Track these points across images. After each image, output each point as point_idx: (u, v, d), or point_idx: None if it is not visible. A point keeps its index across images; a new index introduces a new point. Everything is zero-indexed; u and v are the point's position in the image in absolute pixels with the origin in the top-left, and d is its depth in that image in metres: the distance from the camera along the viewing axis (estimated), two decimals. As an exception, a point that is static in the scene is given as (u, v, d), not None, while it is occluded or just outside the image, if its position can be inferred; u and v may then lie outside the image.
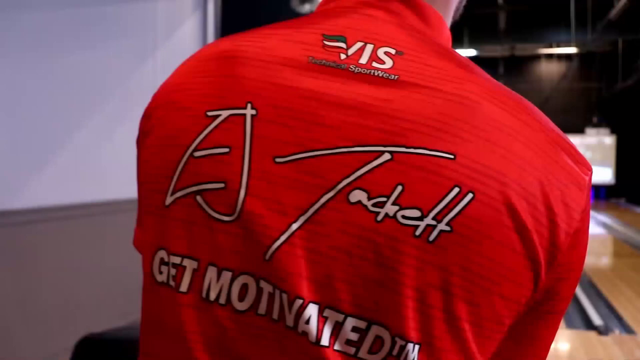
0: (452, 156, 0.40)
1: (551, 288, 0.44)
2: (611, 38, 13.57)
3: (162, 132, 0.47)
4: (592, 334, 3.95)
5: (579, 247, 0.44)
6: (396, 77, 0.43)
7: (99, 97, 3.03)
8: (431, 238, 0.39)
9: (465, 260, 0.39)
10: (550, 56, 17.04)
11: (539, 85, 17.31)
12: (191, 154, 0.44)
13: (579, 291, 5.06)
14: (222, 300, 0.42)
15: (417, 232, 0.39)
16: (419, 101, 0.41)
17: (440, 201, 0.39)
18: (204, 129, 0.43)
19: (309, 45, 0.45)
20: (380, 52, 0.44)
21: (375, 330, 0.39)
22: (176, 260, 0.43)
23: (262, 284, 0.41)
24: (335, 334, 0.39)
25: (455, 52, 0.47)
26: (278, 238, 0.40)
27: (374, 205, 0.39)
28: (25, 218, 2.54)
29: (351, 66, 0.43)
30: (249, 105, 0.43)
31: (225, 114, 0.43)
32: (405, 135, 0.40)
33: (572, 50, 14.10)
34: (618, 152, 17.10)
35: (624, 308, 4.65)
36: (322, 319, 0.39)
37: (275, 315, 0.41)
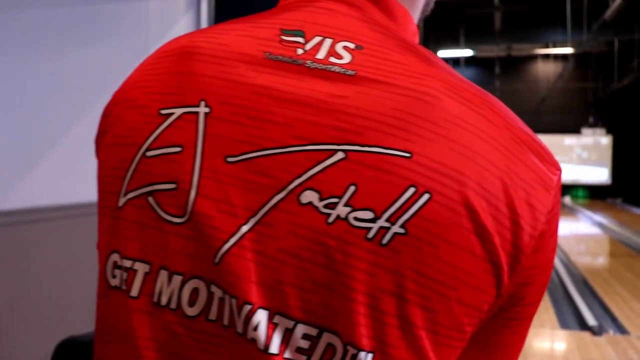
0: (408, 155, 0.38)
1: (516, 293, 0.42)
2: (607, 38, 13.59)
3: (117, 131, 0.45)
4: (586, 335, 3.94)
5: (545, 250, 0.42)
6: (353, 72, 0.41)
7: (93, 96, 3.01)
8: (384, 241, 0.37)
9: (421, 264, 0.37)
10: (546, 56, 17.06)
11: (536, 86, 17.33)
12: (143, 154, 0.42)
13: (573, 291, 5.06)
14: (173, 305, 0.40)
15: (370, 235, 0.37)
16: (376, 97, 0.40)
17: (395, 202, 0.37)
18: (157, 127, 0.42)
19: (265, 40, 0.43)
20: (339, 47, 0.42)
21: (326, 337, 0.37)
22: (127, 264, 0.42)
23: (213, 288, 0.39)
24: (285, 342, 0.38)
25: (420, 47, 0.45)
26: (227, 241, 0.39)
27: (325, 206, 0.38)
28: (19, 218, 2.52)
29: (307, 61, 0.42)
30: (202, 103, 0.41)
31: (178, 112, 0.42)
32: (360, 133, 0.39)
33: (568, 50, 14.10)
34: (614, 152, 17.12)
35: (619, 308, 4.64)
36: (272, 325, 0.38)
37: (225, 321, 0.39)
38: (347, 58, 0.42)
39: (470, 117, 0.40)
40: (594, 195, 17.37)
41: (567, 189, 17.71)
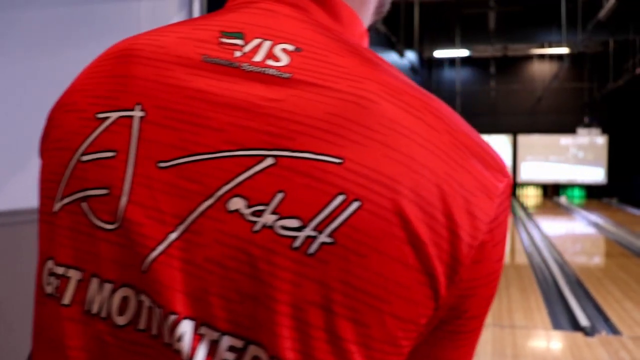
0: (339, 161, 0.37)
1: (456, 305, 0.40)
2: (602, 38, 13.62)
3: (56, 135, 0.45)
4: (579, 335, 3.94)
5: (487, 261, 0.40)
6: (289, 75, 0.40)
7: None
8: (311, 250, 0.36)
9: (349, 275, 0.36)
10: (542, 56, 17.08)
11: (532, 86, 17.36)
12: (79, 159, 0.42)
13: (566, 292, 5.06)
14: (104, 314, 0.39)
15: (296, 244, 0.36)
16: (310, 101, 0.39)
17: (322, 210, 0.36)
18: (93, 132, 0.42)
19: (204, 42, 0.43)
20: (277, 49, 0.41)
21: (252, 350, 0.36)
22: (61, 271, 0.41)
23: (142, 297, 0.38)
24: (211, 354, 0.37)
25: (365, 49, 0.44)
26: (155, 248, 0.38)
27: (252, 214, 0.36)
28: (6, 220, 2.50)
29: (244, 64, 0.41)
30: (137, 107, 0.41)
31: (114, 116, 0.41)
32: (291, 138, 0.37)
33: (564, 50, 14.12)
34: (610, 152, 17.16)
35: (612, 309, 4.65)
36: (198, 336, 0.37)
37: (154, 331, 0.38)
38: (284, 60, 0.41)
39: (408, 121, 0.39)
40: (589, 195, 17.41)
41: (563, 188, 17.76)
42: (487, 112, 17.72)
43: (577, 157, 17.60)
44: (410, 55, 13.46)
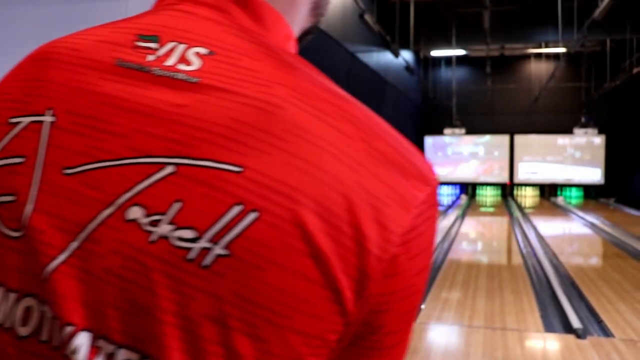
0: (238, 169, 0.35)
1: (370, 321, 0.38)
2: (598, 38, 13.60)
3: None
4: (570, 337, 3.90)
5: (403, 274, 0.38)
6: (197, 80, 0.39)
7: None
8: (206, 262, 0.35)
9: (246, 289, 0.34)
10: (539, 56, 17.07)
11: (529, 85, 17.34)
12: None
13: (560, 293, 5.02)
14: (8, 325, 0.39)
15: (190, 256, 0.35)
16: (215, 106, 0.37)
17: (218, 221, 0.35)
18: (4, 137, 0.41)
19: (119, 46, 0.42)
20: (190, 53, 0.41)
21: None
22: None
23: (45, 307, 0.37)
24: None
25: (286, 52, 0.43)
26: (56, 257, 0.37)
27: (150, 223, 0.36)
28: None
29: (154, 69, 0.40)
30: (49, 112, 0.40)
31: (26, 120, 0.41)
32: (193, 145, 0.36)
33: (560, 50, 14.09)
34: (607, 152, 17.15)
35: (605, 310, 4.61)
36: (95, 349, 0.36)
37: (56, 343, 0.37)
38: (196, 64, 0.40)
39: (316, 128, 0.37)
40: (587, 195, 17.40)
41: (561, 189, 17.74)
42: (484, 112, 17.71)
43: (574, 157, 17.60)
44: (406, 55, 13.44)
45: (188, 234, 0.35)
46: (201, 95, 0.38)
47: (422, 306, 4.72)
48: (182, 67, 0.40)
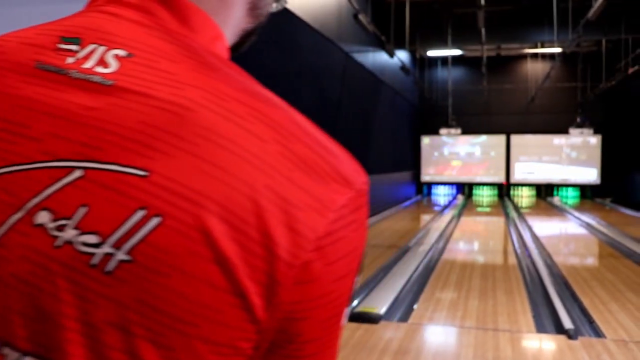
0: (144, 173, 0.35)
1: (285, 329, 0.38)
2: (593, 38, 13.60)
3: None
4: (562, 338, 3.90)
5: (319, 281, 0.37)
6: (111, 82, 0.39)
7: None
8: (108, 268, 0.34)
9: (149, 296, 0.34)
10: (535, 56, 17.07)
11: (525, 85, 17.35)
12: None
13: (552, 293, 5.02)
14: None
15: (94, 261, 0.35)
16: (126, 109, 0.37)
17: (122, 226, 0.35)
18: None
19: (42, 48, 0.42)
20: (109, 55, 0.40)
21: None
22: None
23: None
24: None
25: (211, 54, 0.42)
26: None
27: (56, 228, 0.35)
28: None
29: (72, 71, 0.40)
30: None
31: None
32: (102, 149, 0.36)
33: (557, 50, 14.09)
34: (603, 152, 17.16)
35: (597, 310, 4.60)
36: (1, 357, 0.36)
37: None
38: (113, 67, 0.40)
39: (227, 130, 0.37)
40: (583, 195, 17.41)
41: (557, 189, 17.76)
42: (480, 112, 17.71)
43: (570, 157, 17.61)
44: (402, 55, 13.43)
45: (92, 239, 0.35)
46: (114, 98, 0.38)
47: (415, 306, 4.71)
48: (100, 69, 0.40)
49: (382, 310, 4.43)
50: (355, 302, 4.73)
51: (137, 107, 0.37)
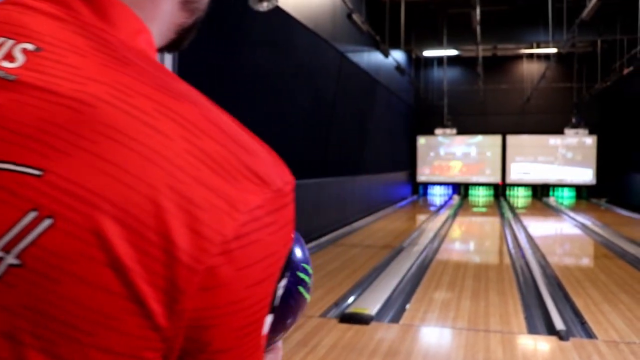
0: (38, 173, 0.33)
1: (195, 337, 0.36)
2: (588, 38, 13.61)
3: None
4: (553, 339, 3.89)
5: (229, 287, 0.35)
6: (14, 77, 0.37)
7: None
8: None
9: (40, 302, 0.32)
10: (531, 56, 17.08)
11: (520, 86, 17.36)
12: None
13: (545, 294, 5.00)
14: None
15: None
16: (26, 106, 0.36)
17: (12, 229, 0.33)
18: None
19: None
20: (17, 49, 0.39)
21: None
22: None
23: None
24: None
25: (128, 48, 0.41)
26: None
27: None
28: None
29: None
30: None
31: None
32: None
33: (552, 50, 14.10)
34: (599, 152, 17.18)
35: (589, 311, 4.59)
36: None
37: None
38: (19, 61, 0.38)
39: (130, 127, 0.35)
40: (578, 195, 17.43)
41: (552, 189, 17.77)
42: (475, 112, 17.71)
43: (565, 158, 17.64)
44: (398, 55, 13.42)
45: None
46: (15, 94, 0.36)
47: (407, 306, 4.70)
48: (5, 64, 0.38)
49: (374, 311, 4.41)
50: (347, 303, 4.72)
51: (37, 104, 0.36)
